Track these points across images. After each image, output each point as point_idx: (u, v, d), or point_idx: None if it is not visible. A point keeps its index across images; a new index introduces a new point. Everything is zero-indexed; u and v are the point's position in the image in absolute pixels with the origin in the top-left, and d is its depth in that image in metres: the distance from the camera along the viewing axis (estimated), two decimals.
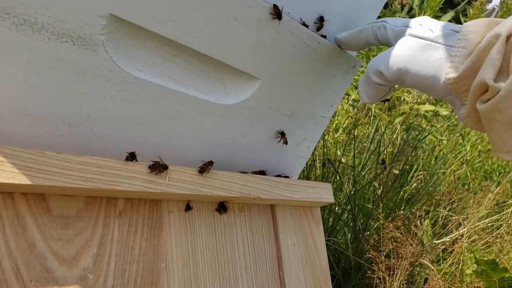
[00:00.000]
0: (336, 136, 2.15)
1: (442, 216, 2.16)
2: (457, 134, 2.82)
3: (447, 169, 2.40)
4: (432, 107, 2.09)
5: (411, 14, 2.73)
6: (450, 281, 1.70)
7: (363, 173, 1.80)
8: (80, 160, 0.53)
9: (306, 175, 1.69)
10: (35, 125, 0.56)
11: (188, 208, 0.67)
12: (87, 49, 0.55)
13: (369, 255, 1.47)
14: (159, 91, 0.64)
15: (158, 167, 0.61)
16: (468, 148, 2.68)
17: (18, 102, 0.54)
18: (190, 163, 0.73)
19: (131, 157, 0.61)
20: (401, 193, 1.91)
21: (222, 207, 0.72)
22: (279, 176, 0.84)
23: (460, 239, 2.01)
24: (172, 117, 0.67)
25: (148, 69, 0.62)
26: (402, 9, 2.82)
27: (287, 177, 0.85)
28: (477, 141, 2.81)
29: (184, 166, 0.66)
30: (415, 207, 1.90)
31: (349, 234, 1.65)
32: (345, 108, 2.36)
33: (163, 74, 0.64)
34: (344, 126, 2.23)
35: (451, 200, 2.30)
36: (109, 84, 0.59)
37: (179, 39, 0.61)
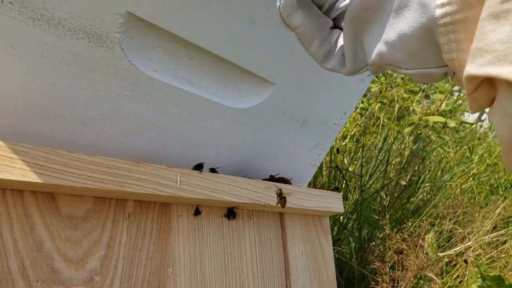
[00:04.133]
0: (343, 143, 2.13)
1: (447, 229, 2.14)
2: (465, 147, 2.80)
3: (453, 182, 2.38)
4: (441, 119, 2.08)
5: None
6: None
7: (370, 183, 1.78)
8: (91, 160, 0.52)
9: (312, 181, 1.68)
10: (47, 122, 0.55)
11: (197, 212, 0.66)
12: (102, 47, 0.54)
13: (374, 266, 1.45)
14: (173, 92, 0.62)
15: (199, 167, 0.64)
16: (475, 161, 2.66)
17: (30, 97, 0.53)
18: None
19: (199, 167, 0.64)
20: (408, 204, 1.89)
21: (231, 213, 0.71)
22: (282, 179, 0.82)
23: (465, 252, 1.99)
24: (185, 118, 0.66)
25: (163, 69, 0.61)
26: None
27: (290, 183, 0.83)
28: (485, 155, 2.79)
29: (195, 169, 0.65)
30: (421, 219, 1.88)
31: (354, 244, 1.63)
32: (353, 116, 2.35)
33: (178, 76, 0.63)
34: (351, 134, 2.21)
35: (457, 213, 2.28)
36: (124, 83, 0.58)
37: (195, 40, 0.60)
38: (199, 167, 0.65)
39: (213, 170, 0.70)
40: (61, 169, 0.50)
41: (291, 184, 0.83)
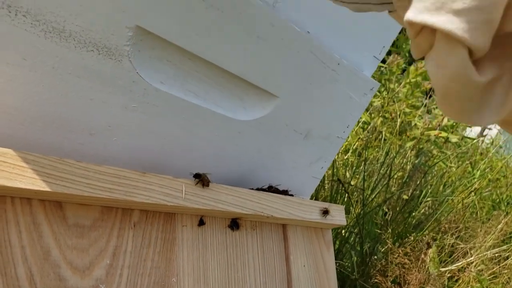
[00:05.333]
0: (345, 157, 2.14)
1: (449, 243, 2.14)
2: (467, 162, 2.80)
3: (455, 196, 2.38)
4: (443, 134, 2.09)
5: None
6: None
7: (372, 196, 1.78)
8: (99, 170, 0.53)
9: (314, 194, 1.68)
10: (56, 132, 0.57)
11: (201, 223, 0.67)
12: (111, 59, 0.55)
13: (375, 280, 1.45)
14: (179, 104, 0.64)
15: (204, 180, 0.63)
16: (477, 176, 2.66)
17: (40, 108, 0.54)
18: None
19: (197, 177, 0.64)
20: (410, 218, 1.89)
21: (234, 223, 0.72)
22: (285, 192, 0.83)
23: (467, 268, 1.99)
24: (190, 130, 0.67)
25: (170, 82, 0.62)
26: None
27: (292, 195, 0.84)
28: (486, 170, 2.80)
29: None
30: (423, 234, 1.88)
31: (356, 258, 1.63)
32: (355, 130, 2.36)
33: (184, 88, 0.64)
34: (354, 147, 2.22)
35: (458, 228, 2.28)
36: (131, 95, 0.59)
37: (202, 54, 0.61)
38: (197, 176, 0.64)
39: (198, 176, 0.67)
40: (70, 178, 0.51)
41: (291, 195, 0.83)
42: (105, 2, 0.51)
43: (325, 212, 0.82)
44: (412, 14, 0.27)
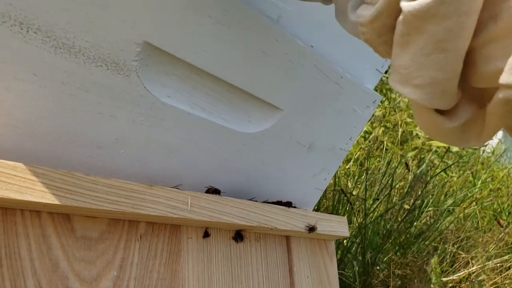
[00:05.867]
0: (347, 167, 2.15)
1: (450, 253, 2.14)
2: (468, 172, 2.80)
3: (456, 206, 2.38)
4: (444, 144, 2.09)
5: None
6: None
7: (374, 206, 1.79)
8: (107, 182, 0.54)
9: (316, 204, 1.68)
10: (64, 146, 0.57)
11: (206, 235, 0.68)
12: (120, 74, 0.57)
13: None
14: (186, 118, 0.65)
15: (213, 192, 0.66)
16: (479, 186, 2.67)
17: (49, 123, 0.55)
18: None
19: (215, 191, 0.69)
20: (411, 228, 1.90)
21: (238, 235, 0.72)
22: (288, 204, 0.83)
23: (469, 278, 1.98)
24: (196, 143, 0.68)
25: (177, 96, 0.63)
26: None
27: (295, 206, 0.85)
28: (488, 180, 2.80)
29: (203, 191, 0.67)
30: (424, 244, 1.88)
31: (357, 267, 1.63)
32: (357, 140, 2.36)
33: (190, 102, 0.65)
34: (355, 157, 2.23)
35: (460, 238, 2.28)
36: (139, 109, 0.60)
37: (209, 68, 0.62)
38: (214, 191, 0.67)
39: (217, 192, 0.71)
40: (78, 191, 0.51)
41: (295, 207, 0.84)
42: (114, 19, 0.52)
43: (311, 229, 0.81)
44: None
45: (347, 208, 1.76)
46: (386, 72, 2.66)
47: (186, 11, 0.56)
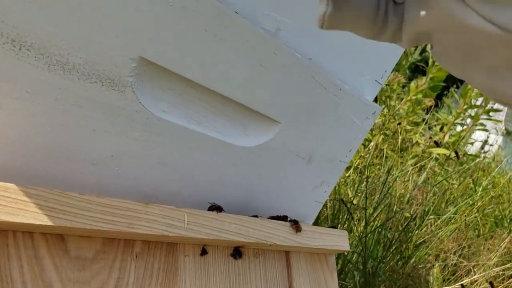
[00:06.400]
0: (347, 175, 2.14)
1: (452, 262, 2.12)
2: (469, 179, 2.79)
3: (458, 214, 2.37)
4: (445, 151, 2.08)
5: None
6: None
7: (374, 215, 1.78)
8: (101, 202, 0.53)
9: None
10: (58, 163, 0.56)
11: (203, 252, 0.66)
12: (115, 90, 0.55)
13: None
14: (182, 132, 0.64)
15: (215, 209, 0.65)
16: (479, 193, 2.65)
17: (42, 140, 0.54)
18: (206, 205, 0.72)
19: (217, 208, 0.67)
20: (413, 237, 1.88)
21: (237, 252, 0.71)
22: (284, 218, 0.82)
23: (471, 287, 1.97)
24: (192, 157, 0.67)
25: (172, 110, 0.62)
26: None
27: (295, 220, 0.83)
28: (489, 187, 2.79)
29: (200, 207, 0.66)
30: (425, 253, 1.87)
31: (358, 278, 1.62)
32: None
33: (187, 116, 0.64)
34: (355, 165, 2.22)
35: (461, 246, 2.26)
36: (134, 124, 0.59)
37: (205, 83, 0.61)
38: (216, 209, 0.66)
39: (219, 209, 0.70)
40: (72, 211, 0.50)
41: (294, 220, 0.83)
42: (109, 35, 0.51)
43: (295, 222, 0.78)
44: None
45: (348, 217, 1.74)
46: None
47: (182, 25, 0.55)
